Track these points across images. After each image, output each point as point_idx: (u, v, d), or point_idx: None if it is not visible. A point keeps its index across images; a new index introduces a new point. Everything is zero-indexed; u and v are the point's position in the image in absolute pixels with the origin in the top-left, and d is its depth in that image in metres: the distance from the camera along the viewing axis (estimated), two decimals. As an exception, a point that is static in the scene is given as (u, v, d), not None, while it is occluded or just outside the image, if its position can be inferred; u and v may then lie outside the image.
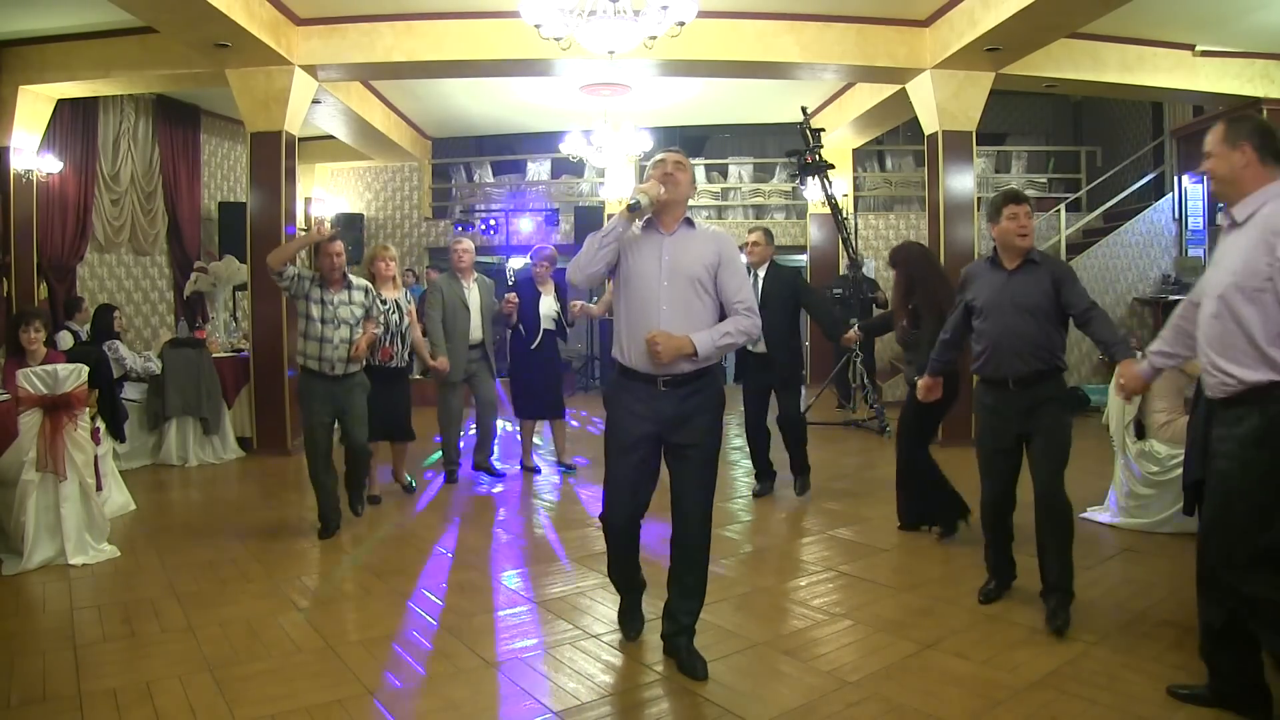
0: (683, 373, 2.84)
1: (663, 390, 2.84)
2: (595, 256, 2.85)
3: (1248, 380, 2.39)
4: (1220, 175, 2.53)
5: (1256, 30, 7.48)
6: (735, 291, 2.89)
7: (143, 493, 5.57)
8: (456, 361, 5.73)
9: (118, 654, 3.10)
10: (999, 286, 3.46)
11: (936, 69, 7.28)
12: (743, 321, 2.87)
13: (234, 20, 5.99)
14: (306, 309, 4.55)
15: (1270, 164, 2.44)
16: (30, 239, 7.94)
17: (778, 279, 5.31)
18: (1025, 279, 3.41)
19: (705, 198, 12.83)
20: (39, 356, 4.61)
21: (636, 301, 2.86)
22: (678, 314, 2.81)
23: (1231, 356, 2.43)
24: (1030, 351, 3.37)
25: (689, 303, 2.84)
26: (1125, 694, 2.74)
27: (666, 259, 2.86)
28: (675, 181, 2.89)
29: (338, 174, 13.04)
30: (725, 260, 2.89)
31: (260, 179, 7.29)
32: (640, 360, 2.84)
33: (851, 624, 3.42)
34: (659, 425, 2.86)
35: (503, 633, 3.34)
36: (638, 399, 2.86)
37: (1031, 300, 3.37)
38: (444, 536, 4.75)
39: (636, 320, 2.85)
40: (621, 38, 5.44)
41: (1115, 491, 4.83)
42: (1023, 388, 3.39)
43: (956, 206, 7.55)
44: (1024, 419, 3.40)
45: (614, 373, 3.00)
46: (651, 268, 2.86)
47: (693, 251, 2.88)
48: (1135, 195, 10.86)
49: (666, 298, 2.82)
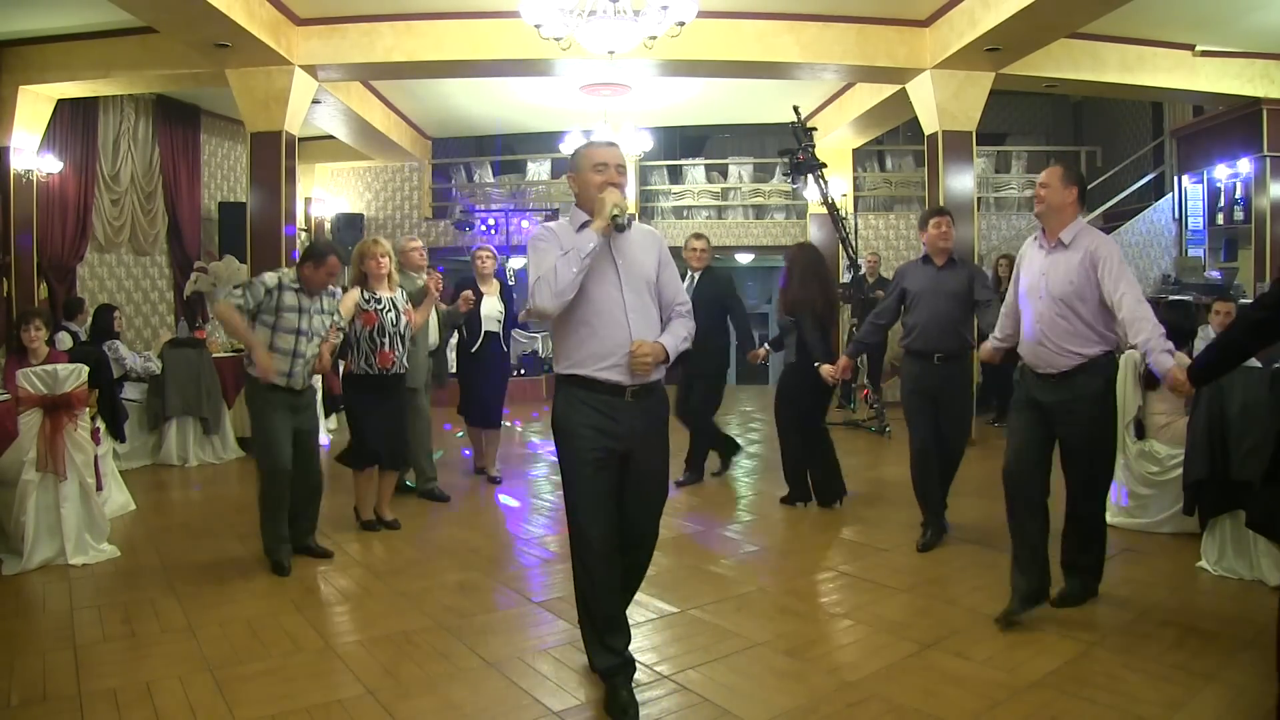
0: (651, 381, 2.71)
1: (629, 401, 2.67)
2: (575, 279, 2.57)
3: (1089, 354, 3.26)
4: (1053, 204, 3.33)
5: (1256, 30, 7.48)
6: (676, 293, 2.83)
7: (143, 493, 5.57)
8: (418, 367, 5.19)
9: (118, 654, 3.10)
10: (930, 279, 4.43)
11: (936, 69, 7.28)
12: (689, 323, 2.82)
13: (234, 20, 5.99)
14: (277, 321, 4.03)
15: (1081, 205, 3.37)
16: (30, 239, 7.94)
17: (713, 282, 5.67)
18: (950, 274, 4.42)
19: (705, 198, 12.82)
20: (40, 355, 4.61)
21: (601, 311, 2.64)
22: (642, 319, 2.69)
23: (1075, 340, 3.27)
24: (952, 331, 4.38)
25: (647, 307, 2.72)
26: (1125, 694, 2.74)
27: (621, 263, 2.70)
28: (623, 185, 2.74)
29: (338, 174, 13.04)
30: (665, 260, 2.82)
31: (260, 179, 7.29)
32: (618, 372, 2.64)
33: (851, 624, 3.42)
34: (624, 439, 2.68)
35: (503, 633, 3.34)
36: (600, 413, 2.65)
37: (955, 291, 4.36)
38: (444, 536, 4.75)
39: (608, 331, 2.64)
40: (621, 38, 5.45)
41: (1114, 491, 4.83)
42: (943, 361, 4.36)
43: (956, 206, 7.52)
44: (941, 385, 4.38)
45: (565, 389, 2.71)
46: (609, 274, 2.67)
47: (640, 253, 2.76)
48: (1135, 195, 10.86)
49: (630, 304, 2.67)
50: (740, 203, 12.87)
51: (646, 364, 2.62)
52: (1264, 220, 8.73)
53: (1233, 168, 9.05)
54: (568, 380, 2.71)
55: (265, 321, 4.03)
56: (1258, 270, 8.68)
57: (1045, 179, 3.35)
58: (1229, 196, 9.21)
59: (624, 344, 2.63)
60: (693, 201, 12.81)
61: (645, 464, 2.75)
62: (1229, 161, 9.06)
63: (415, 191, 13.02)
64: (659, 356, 2.66)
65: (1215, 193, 9.46)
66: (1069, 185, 3.30)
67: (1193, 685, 2.79)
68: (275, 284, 4.04)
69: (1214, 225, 9.57)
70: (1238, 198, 9.12)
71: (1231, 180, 9.14)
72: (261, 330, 4.03)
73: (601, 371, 2.65)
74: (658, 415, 2.79)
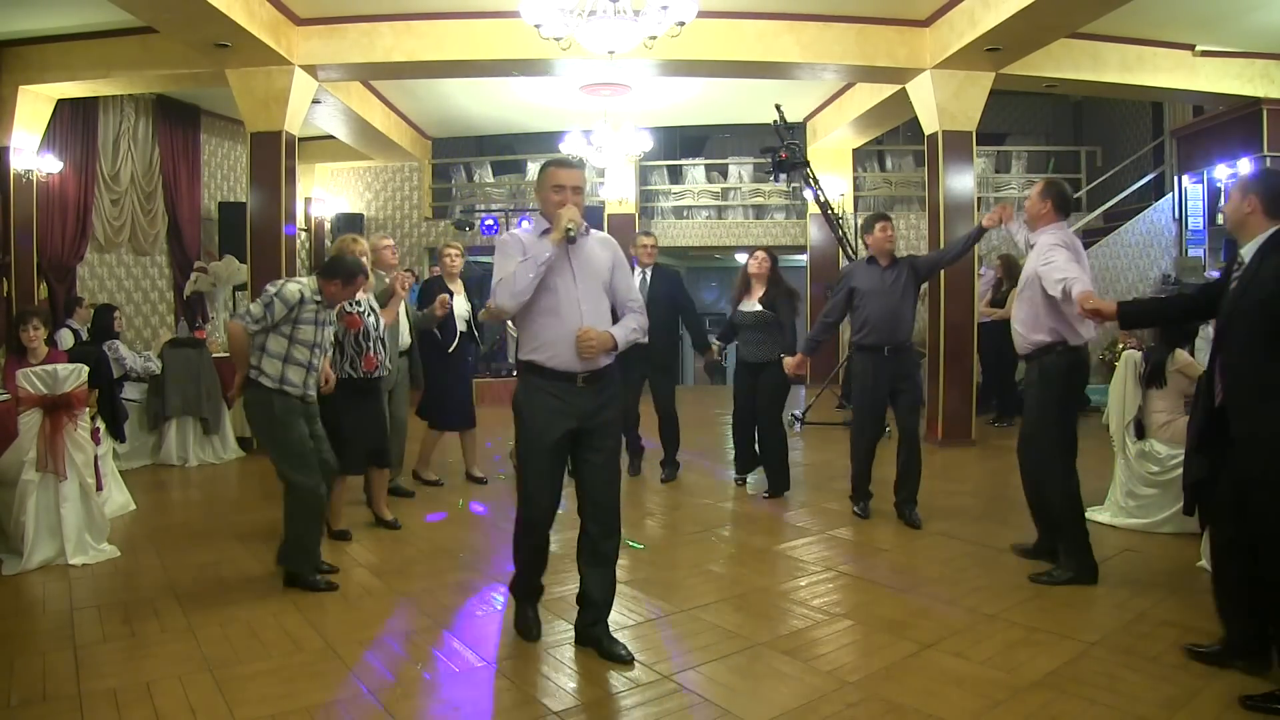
0: (601, 368, 3.06)
1: (581, 387, 3.03)
2: (531, 283, 2.95)
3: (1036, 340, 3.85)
4: (1031, 213, 4.01)
5: (1256, 30, 7.49)
6: (628, 291, 3.20)
7: (143, 493, 5.56)
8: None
9: (118, 654, 3.10)
10: (876, 279, 4.79)
11: (936, 69, 7.28)
12: (640, 318, 3.18)
13: (234, 20, 5.99)
14: (295, 333, 3.84)
15: (1059, 214, 3.93)
16: (30, 239, 7.94)
17: (663, 279, 5.93)
18: (896, 272, 4.78)
19: (705, 198, 12.83)
20: (40, 355, 4.62)
21: (557, 306, 3.01)
22: (594, 313, 3.05)
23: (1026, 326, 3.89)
24: (900, 325, 4.75)
25: (599, 302, 3.09)
26: (1125, 694, 2.74)
27: (577, 266, 3.06)
28: (580, 203, 3.10)
29: (338, 174, 13.04)
30: (618, 263, 3.19)
31: (260, 179, 7.28)
32: (568, 360, 3.00)
33: (851, 624, 3.42)
34: (577, 421, 3.03)
35: (503, 633, 3.34)
36: (556, 397, 3.01)
37: (901, 287, 4.76)
38: (443, 536, 4.75)
39: (562, 325, 3.00)
40: (621, 38, 5.44)
41: (1115, 491, 4.83)
42: (893, 355, 4.72)
43: (957, 206, 7.55)
44: (891, 379, 4.74)
45: (525, 375, 3.07)
46: (565, 275, 3.03)
47: (595, 256, 3.13)
48: (1135, 195, 10.86)
49: (584, 300, 3.04)
50: (740, 203, 12.87)
51: (592, 348, 2.96)
52: (1264, 220, 8.72)
53: (1233, 168, 9.04)
54: (527, 367, 3.07)
55: (282, 332, 3.83)
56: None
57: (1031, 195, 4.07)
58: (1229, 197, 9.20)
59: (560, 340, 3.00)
60: (693, 201, 12.81)
61: (597, 442, 3.09)
62: (1229, 161, 9.06)
63: (415, 191, 13.03)
64: (605, 344, 3.01)
65: (1215, 193, 9.45)
66: (1044, 199, 3.96)
67: (1193, 685, 2.79)
68: (298, 300, 3.82)
69: (1214, 225, 9.55)
70: (1238, 198, 9.11)
71: (1231, 180, 9.13)
72: (277, 341, 3.83)
73: (555, 360, 3.00)
74: (607, 399, 3.11)
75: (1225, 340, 2.87)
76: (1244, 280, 2.81)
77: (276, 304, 3.78)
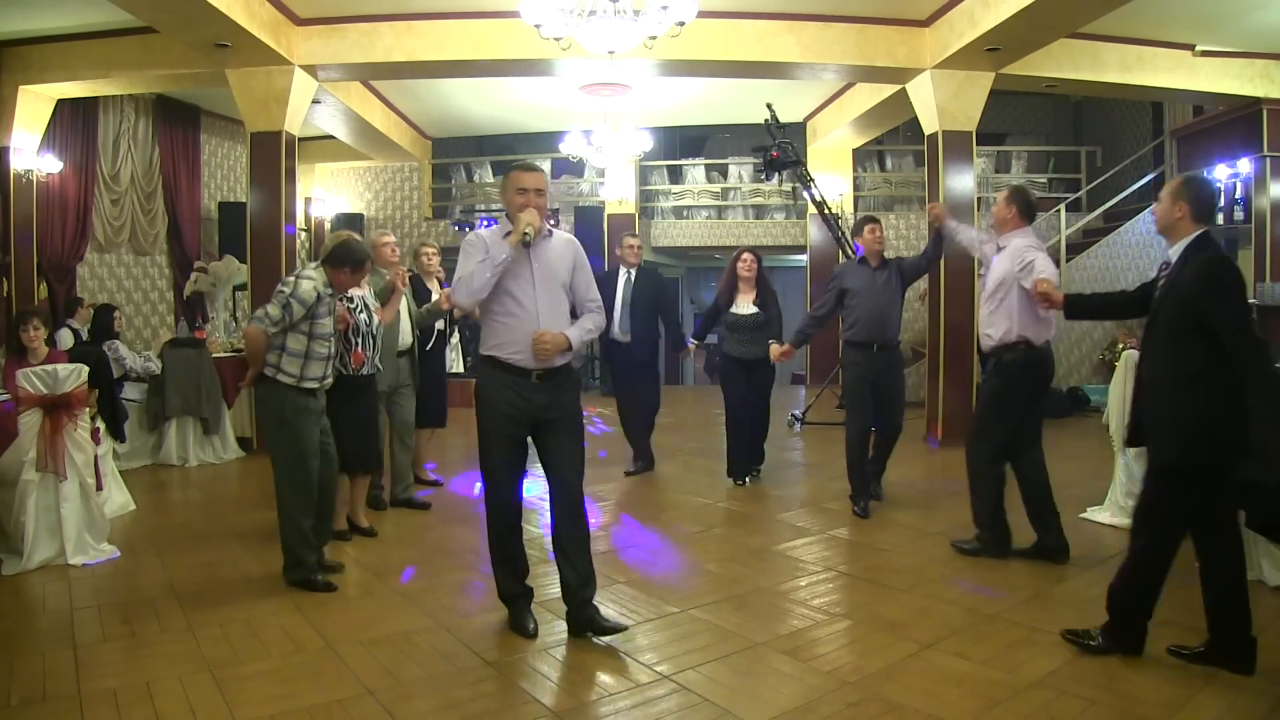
0: (555, 366, 3.22)
1: (536, 383, 3.19)
2: (488, 282, 3.13)
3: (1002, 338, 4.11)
4: (998, 218, 4.30)
5: (1256, 30, 7.48)
6: (586, 291, 3.34)
7: (143, 493, 5.56)
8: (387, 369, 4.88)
9: (118, 654, 3.10)
10: (867, 279, 5.03)
11: (936, 69, 7.28)
12: (597, 317, 3.35)
13: (234, 20, 5.99)
14: (314, 328, 3.84)
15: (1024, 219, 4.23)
16: (30, 239, 7.94)
17: (648, 279, 6.16)
18: (884, 273, 5.04)
19: (705, 198, 12.83)
20: (40, 355, 4.61)
21: (515, 306, 3.18)
22: (551, 314, 3.21)
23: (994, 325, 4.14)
24: (888, 323, 5.02)
25: (557, 303, 3.25)
26: (1125, 694, 2.74)
27: (537, 267, 3.22)
28: (542, 205, 3.23)
29: (338, 174, 13.05)
30: (579, 264, 3.33)
31: (260, 179, 7.28)
32: (524, 357, 3.16)
33: (851, 624, 3.43)
34: (532, 412, 3.21)
35: (503, 633, 3.34)
36: (513, 391, 3.19)
37: (892, 286, 5.03)
38: (444, 536, 4.74)
39: (519, 323, 3.17)
40: (621, 38, 5.44)
41: (1115, 491, 4.83)
42: (881, 350, 4.99)
43: (957, 207, 7.53)
44: (879, 373, 5.00)
45: (485, 368, 3.24)
46: (525, 275, 3.20)
47: (556, 258, 3.27)
48: (1135, 195, 10.84)
49: (542, 301, 3.19)
50: (740, 203, 12.87)
51: (547, 350, 3.14)
52: (1264, 220, 8.73)
53: (1233, 168, 9.04)
54: (487, 360, 3.23)
55: (302, 330, 3.80)
56: (1258, 270, 8.67)
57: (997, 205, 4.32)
58: (1229, 196, 9.19)
59: (532, 334, 3.15)
60: (693, 201, 12.81)
61: (555, 430, 3.26)
62: (1229, 161, 9.06)
63: (415, 191, 13.03)
64: (560, 345, 3.17)
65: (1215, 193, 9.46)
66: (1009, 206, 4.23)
67: (1193, 685, 2.80)
68: (315, 298, 3.78)
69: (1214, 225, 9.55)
70: (1238, 198, 9.11)
71: (1231, 180, 9.13)
72: (297, 340, 3.79)
73: (513, 356, 3.17)
74: (563, 393, 3.28)
75: (1149, 335, 3.10)
76: (1170, 280, 3.00)
77: (294, 305, 3.75)
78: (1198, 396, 2.85)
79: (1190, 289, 2.87)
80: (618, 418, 6.56)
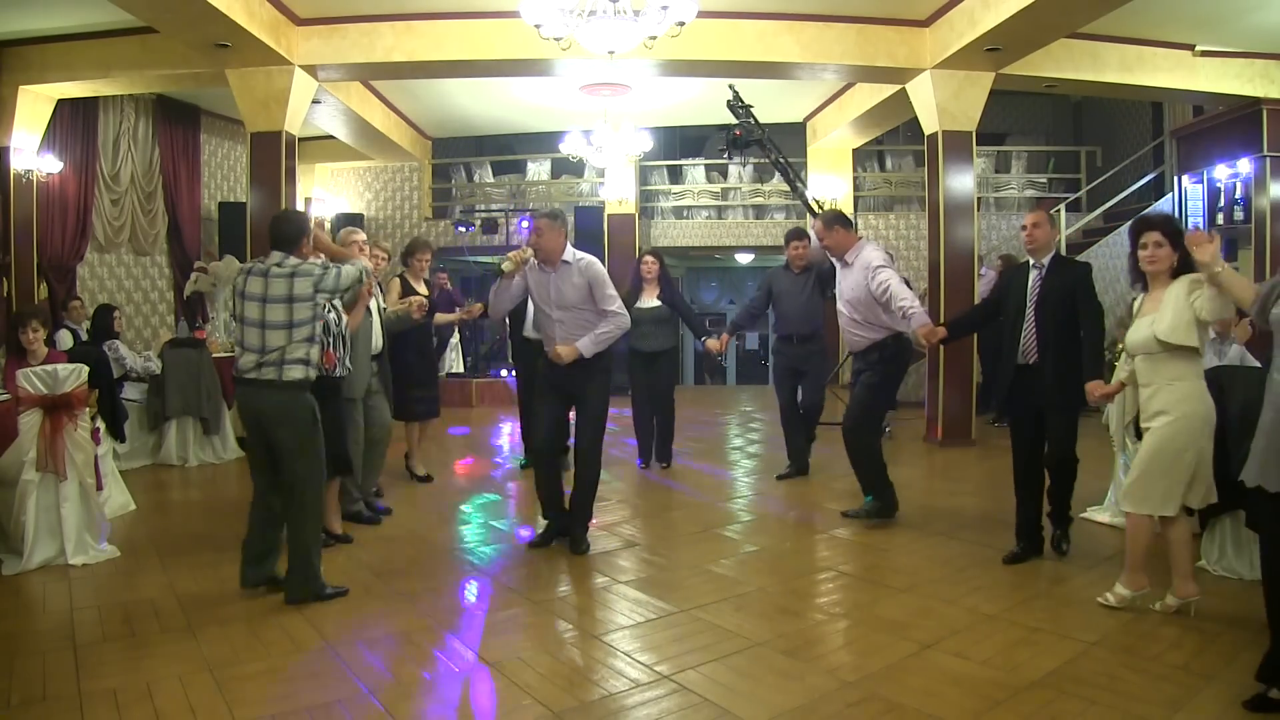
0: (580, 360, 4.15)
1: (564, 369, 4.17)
2: (497, 301, 4.29)
3: (874, 338, 4.78)
4: (830, 245, 4.99)
5: (1256, 30, 7.48)
6: (603, 300, 4.16)
7: (143, 493, 5.56)
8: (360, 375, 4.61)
9: (118, 654, 3.10)
10: (790, 282, 5.97)
11: (936, 69, 7.28)
12: (614, 320, 4.18)
13: (234, 20, 6.00)
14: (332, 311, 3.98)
15: (852, 231, 5.00)
16: (30, 239, 7.95)
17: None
18: (804, 278, 5.93)
19: (705, 198, 12.83)
20: (40, 356, 4.61)
21: (543, 314, 4.27)
22: (571, 324, 4.17)
23: (865, 329, 4.79)
24: (808, 319, 5.92)
25: (573, 320, 4.17)
26: (1125, 694, 2.74)
27: (553, 291, 4.17)
28: (540, 245, 4.11)
29: (338, 174, 13.04)
30: (593, 281, 4.14)
31: (260, 179, 7.29)
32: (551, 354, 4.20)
33: (851, 624, 3.43)
34: (565, 386, 4.24)
35: (503, 633, 3.34)
36: (550, 368, 4.26)
37: (808, 290, 5.90)
38: (444, 536, 4.75)
39: (545, 326, 4.28)
40: (621, 38, 5.44)
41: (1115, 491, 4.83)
42: (801, 342, 5.94)
43: (956, 206, 7.55)
44: (801, 361, 5.96)
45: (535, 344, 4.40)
46: (546, 295, 4.20)
47: (570, 284, 4.15)
48: (1135, 195, 10.84)
49: (559, 314, 4.17)
50: (740, 203, 12.86)
51: (560, 359, 4.13)
52: (1264, 220, 8.72)
53: (1233, 168, 9.04)
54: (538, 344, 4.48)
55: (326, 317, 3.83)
56: (1258, 270, 8.66)
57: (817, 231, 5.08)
58: (1229, 196, 9.19)
59: (553, 341, 4.21)
60: (693, 201, 12.81)
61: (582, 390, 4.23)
62: (1229, 161, 9.05)
63: (415, 191, 13.03)
64: (572, 356, 4.10)
65: (1215, 193, 9.44)
66: (830, 229, 4.92)
67: (1193, 685, 2.80)
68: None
69: (1214, 225, 9.54)
70: (1238, 198, 9.10)
71: (1231, 180, 9.13)
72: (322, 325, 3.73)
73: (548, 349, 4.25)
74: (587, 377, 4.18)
75: (1040, 323, 3.97)
76: (1045, 284, 3.99)
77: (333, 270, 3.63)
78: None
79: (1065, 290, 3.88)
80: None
